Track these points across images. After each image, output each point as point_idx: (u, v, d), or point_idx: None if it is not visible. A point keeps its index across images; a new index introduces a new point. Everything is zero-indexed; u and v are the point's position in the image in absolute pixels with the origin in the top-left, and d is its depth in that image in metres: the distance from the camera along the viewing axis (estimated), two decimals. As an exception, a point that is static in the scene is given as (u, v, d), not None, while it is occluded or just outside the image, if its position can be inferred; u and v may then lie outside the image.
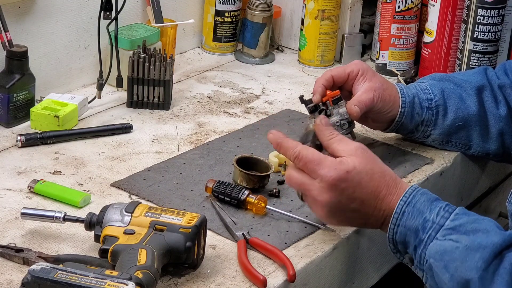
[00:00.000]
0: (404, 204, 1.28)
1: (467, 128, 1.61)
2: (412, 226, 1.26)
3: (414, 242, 1.26)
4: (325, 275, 1.34)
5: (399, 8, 1.97)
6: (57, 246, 1.27)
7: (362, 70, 1.56)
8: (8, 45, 1.59)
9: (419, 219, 1.26)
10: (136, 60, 1.72)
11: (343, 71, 1.56)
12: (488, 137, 1.61)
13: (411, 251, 1.27)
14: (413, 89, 1.60)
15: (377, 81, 1.56)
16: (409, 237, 1.27)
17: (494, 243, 1.19)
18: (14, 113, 1.63)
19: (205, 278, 1.23)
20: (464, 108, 1.60)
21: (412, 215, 1.27)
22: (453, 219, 1.24)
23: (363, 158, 1.29)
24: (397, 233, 1.28)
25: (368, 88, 1.54)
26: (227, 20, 2.06)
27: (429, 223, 1.25)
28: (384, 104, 1.56)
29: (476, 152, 1.64)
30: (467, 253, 1.20)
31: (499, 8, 1.84)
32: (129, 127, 1.65)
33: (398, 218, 1.28)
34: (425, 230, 1.25)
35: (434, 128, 1.61)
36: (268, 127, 1.70)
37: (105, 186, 1.45)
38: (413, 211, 1.27)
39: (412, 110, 1.58)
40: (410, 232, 1.27)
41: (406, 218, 1.27)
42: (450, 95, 1.60)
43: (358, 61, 1.59)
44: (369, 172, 1.29)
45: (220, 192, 1.41)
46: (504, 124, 1.61)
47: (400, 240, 1.28)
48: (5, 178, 1.45)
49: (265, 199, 1.39)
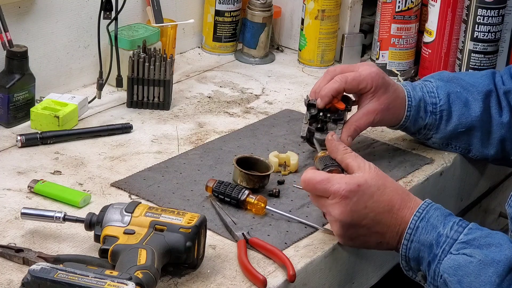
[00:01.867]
0: (418, 219, 1.27)
1: (468, 133, 1.60)
2: (426, 241, 1.25)
3: (428, 258, 1.25)
4: (325, 275, 1.34)
5: (399, 8, 1.97)
6: (57, 246, 1.27)
7: (375, 87, 1.53)
8: (8, 45, 1.59)
9: (433, 233, 1.25)
10: (136, 60, 1.72)
11: (356, 86, 1.53)
12: (488, 142, 1.61)
13: (425, 267, 1.26)
14: (419, 92, 1.58)
15: (384, 101, 1.54)
16: (423, 252, 1.26)
17: (508, 257, 1.19)
18: (14, 113, 1.62)
19: (205, 278, 1.23)
20: (468, 114, 1.59)
21: (426, 230, 1.26)
22: (467, 233, 1.24)
23: (376, 175, 1.29)
24: (411, 249, 1.27)
25: (371, 110, 1.53)
26: (227, 20, 2.06)
27: (443, 237, 1.24)
28: (383, 123, 1.57)
29: (475, 156, 1.64)
30: (481, 267, 1.20)
31: (499, 8, 1.84)
32: (129, 127, 1.65)
33: (412, 234, 1.27)
34: (439, 245, 1.24)
35: (436, 132, 1.60)
36: (268, 127, 1.70)
37: (105, 186, 1.45)
38: (427, 226, 1.26)
39: (416, 114, 1.57)
40: (424, 247, 1.26)
41: (420, 233, 1.26)
42: (456, 100, 1.59)
43: (375, 75, 1.53)
44: (381, 186, 1.28)
45: (220, 192, 1.41)
46: (505, 131, 1.60)
47: (413, 257, 1.27)
48: (5, 178, 1.45)
49: (264, 200, 1.39)
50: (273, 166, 1.49)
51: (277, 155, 1.53)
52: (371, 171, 1.30)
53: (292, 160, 1.52)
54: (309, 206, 1.42)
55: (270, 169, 1.46)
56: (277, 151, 1.54)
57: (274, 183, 1.48)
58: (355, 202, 1.27)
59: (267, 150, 1.58)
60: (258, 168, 1.47)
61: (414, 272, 1.29)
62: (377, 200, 1.28)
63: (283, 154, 1.53)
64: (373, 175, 1.29)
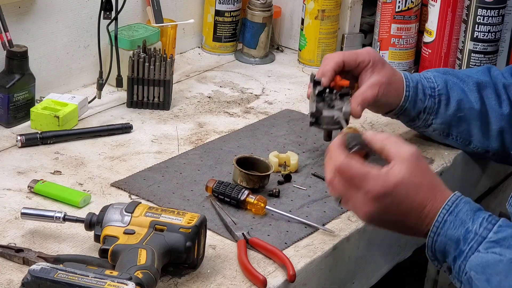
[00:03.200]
0: (447, 213, 1.23)
1: (468, 121, 1.61)
2: (454, 236, 1.22)
3: (454, 253, 1.22)
4: (325, 275, 1.34)
5: (399, 8, 1.97)
6: (57, 246, 1.27)
7: (372, 61, 1.56)
8: (8, 45, 1.59)
9: (461, 229, 1.22)
10: (136, 60, 1.72)
11: (354, 59, 1.56)
12: (488, 134, 1.62)
13: (450, 261, 1.23)
14: (417, 76, 1.61)
15: (385, 75, 1.56)
16: (449, 247, 1.23)
17: None
18: (14, 113, 1.62)
19: (205, 278, 1.23)
20: (467, 100, 1.60)
21: (454, 224, 1.22)
22: (497, 231, 1.20)
23: (414, 168, 1.23)
24: (437, 242, 1.24)
25: (375, 83, 1.54)
26: (227, 20, 2.06)
27: (472, 234, 1.21)
28: (387, 98, 1.57)
29: (476, 148, 1.64)
30: (510, 267, 1.17)
31: (499, 8, 1.84)
32: (129, 127, 1.65)
33: (439, 227, 1.23)
34: (466, 241, 1.21)
35: (436, 117, 1.61)
36: (268, 127, 1.70)
37: (105, 186, 1.45)
38: (455, 220, 1.22)
39: (415, 96, 1.59)
40: (450, 242, 1.23)
41: (447, 228, 1.23)
42: (453, 87, 1.61)
43: (370, 50, 1.59)
44: (418, 185, 1.23)
45: (220, 192, 1.41)
46: (505, 122, 1.61)
47: (439, 249, 1.24)
48: (5, 178, 1.45)
49: (264, 200, 1.39)
50: (273, 166, 1.49)
51: (277, 155, 1.53)
52: (411, 161, 1.23)
53: (292, 160, 1.52)
54: (309, 206, 1.42)
55: (270, 169, 1.46)
56: (277, 151, 1.54)
57: (274, 183, 1.48)
58: (387, 204, 1.22)
59: (267, 150, 1.58)
60: (258, 168, 1.47)
61: (440, 263, 1.26)
62: (411, 200, 1.23)
63: (283, 154, 1.53)
64: (411, 169, 1.22)
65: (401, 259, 1.54)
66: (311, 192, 1.47)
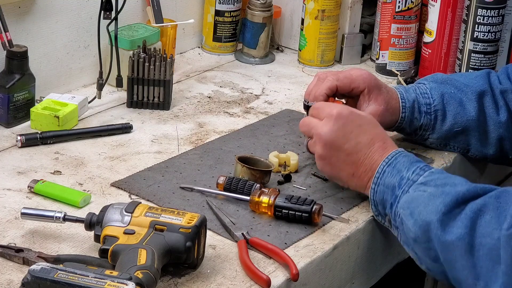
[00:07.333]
0: (386, 165, 1.36)
1: (465, 133, 1.61)
2: (390, 183, 1.34)
3: (391, 200, 1.33)
4: (325, 275, 1.34)
5: (399, 8, 1.97)
6: (57, 246, 1.27)
7: (368, 89, 1.54)
8: (8, 45, 1.59)
9: (396, 177, 1.33)
10: (136, 60, 1.72)
11: (348, 85, 1.55)
12: (487, 142, 1.61)
13: (388, 210, 1.34)
14: (412, 93, 1.59)
15: (382, 102, 1.55)
16: (387, 194, 1.34)
17: (457, 191, 1.26)
18: (14, 113, 1.63)
19: (205, 278, 1.23)
20: (463, 113, 1.59)
21: (391, 174, 1.34)
22: (427, 175, 1.31)
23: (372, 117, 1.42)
24: (377, 193, 1.35)
25: (373, 113, 1.53)
26: (227, 20, 2.06)
27: (404, 180, 1.32)
28: (384, 122, 1.56)
29: (474, 156, 1.64)
30: (430, 198, 1.27)
31: (499, 8, 1.84)
32: (129, 127, 1.65)
33: (379, 178, 1.35)
34: (400, 186, 1.32)
35: (432, 132, 1.61)
36: (268, 127, 1.70)
37: (105, 186, 1.45)
38: (393, 170, 1.35)
39: (411, 115, 1.58)
40: (387, 190, 1.34)
41: (385, 177, 1.35)
42: (450, 100, 1.59)
43: (365, 74, 1.56)
44: (373, 123, 1.41)
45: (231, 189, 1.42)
46: (504, 130, 1.60)
47: (379, 199, 1.35)
48: (5, 178, 1.45)
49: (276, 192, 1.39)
50: (274, 165, 1.49)
51: (277, 155, 1.53)
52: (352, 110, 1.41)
53: (292, 160, 1.52)
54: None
55: (271, 167, 1.46)
56: (277, 151, 1.54)
57: (274, 183, 1.48)
58: (343, 124, 1.39)
59: (267, 150, 1.58)
60: (259, 168, 1.47)
61: (383, 217, 1.37)
62: (363, 131, 1.39)
63: (283, 154, 1.53)
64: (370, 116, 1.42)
65: (401, 259, 1.54)
66: (311, 192, 1.47)
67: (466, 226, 1.21)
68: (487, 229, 1.20)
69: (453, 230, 1.22)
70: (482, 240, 1.20)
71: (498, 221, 1.20)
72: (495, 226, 1.19)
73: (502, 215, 1.20)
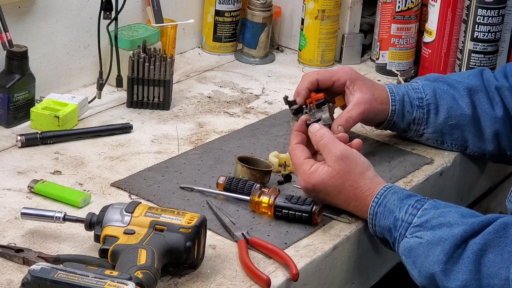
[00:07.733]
0: (376, 206, 1.34)
1: (461, 128, 1.61)
2: (386, 225, 1.33)
3: (391, 240, 1.33)
4: (325, 275, 1.34)
5: (399, 8, 1.97)
6: (57, 246, 1.27)
7: (350, 80, 1.56)
8: (8, 45, 1.59)
9: (390, 218, 1.32)
10: (136, 60, 1.72)
11: (329, 77, 1.57)
12: (483, 137, 1.62)
13: (393, 247, 1.34)
14: (403, 88, 1.61)
15: (367, 91, 1.55)
16: (386, 235, 1.34)
17: (454, 234, 1.24)
18: (14, 113, 1.63)
19: (205, 278, 1.23)
20: (457, 107, 1.60)
21: (383, 215, 1.33)
22: (420, 215, 1.30)
23: (339, 171, 1.36)
24: (377, 232, 1.35)
25: (360, 101, 1.54)
26: (227, 20, 2.06)
27: (399, 221, 1.31)
28: (374, 114, 1.57)
29: (473, 152, 1.64)
30: (429, 248, 1.26)
31: (499, 8, 1.84)
32: (129, 127, 1.65)
33: (373, 219, 1.35)
34: (396, 229, 1.31)
35: (426, 126, 1.61)
36: (268, 127, 1.70)
37: (105, 186, 1.45)
38: (384, 211, 1.33)
39: (402, 108, 1.59)
40: (385, 231, 1.33)
41: (379, 219, 1.34)
42: (442, 95, 1.60)
43: (348, 69, 1.58)
44: (339, 186, 1.36)
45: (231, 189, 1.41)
46: (500, 125, 1.60)
47: (381, 237, 1.36)
48: (5, 178, 1.45)
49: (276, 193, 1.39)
50: (274, 165, 1.49)
51: (277, 155, 1.53)
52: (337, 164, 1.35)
53: (292, 160, 1.52)
54: None
55: (271, 167, 1.46)
56: (277, 151, 1.54)
57: (274, 183, 1.48)
58: (314, 196, 1.38)
59: (267, 150, 1.58)
60: (259, 168, 1.47)
61: (391, 248, 1.36)
62: (334, 197, 1.37)
63: (283, 154, 1.53)
64: (336, 172, 1.35)
65: (401, 259, 1.54)
66: (311, 192, 1.47)
67: (471, 271, 1.22)
68: (493, 269, 1.21)
69: (458, 277, 1.23)
70: (490, 281, 1.21)
71: (502, 259, 1.20)
72: (501, 265, 1.20)
73: (505, 251, 1.21)
